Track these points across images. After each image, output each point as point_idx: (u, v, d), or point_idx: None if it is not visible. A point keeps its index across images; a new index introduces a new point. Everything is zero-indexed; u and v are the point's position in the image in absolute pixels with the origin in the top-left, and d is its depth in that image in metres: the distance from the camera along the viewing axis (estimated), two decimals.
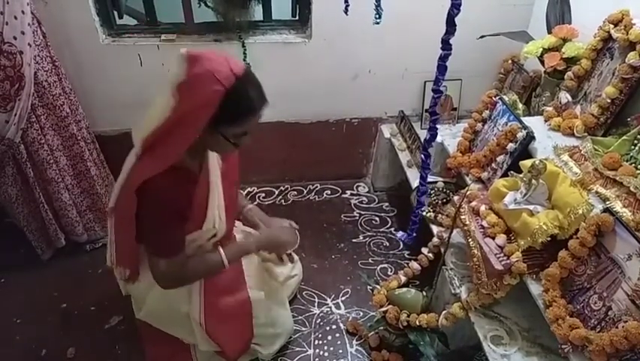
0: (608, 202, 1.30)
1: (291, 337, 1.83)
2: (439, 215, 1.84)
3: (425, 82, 2.31)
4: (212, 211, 1.37)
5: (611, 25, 1.57)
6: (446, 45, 1.43)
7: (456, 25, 1.36)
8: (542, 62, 1.85)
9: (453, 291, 1.54)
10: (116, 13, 2.08)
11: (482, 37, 1.98)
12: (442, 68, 1.50)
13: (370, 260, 2.21)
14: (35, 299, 2.00)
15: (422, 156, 1.72)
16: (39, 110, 1.83)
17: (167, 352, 1.71)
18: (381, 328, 1.74)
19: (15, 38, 1.61)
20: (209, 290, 1.49)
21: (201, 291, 1.49)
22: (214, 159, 1.40)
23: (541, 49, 1.83)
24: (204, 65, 1.09)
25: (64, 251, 2.18)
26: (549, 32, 1.88)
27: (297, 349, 1.83)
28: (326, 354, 1.81)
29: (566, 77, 1.71)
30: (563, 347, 1.17)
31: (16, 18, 1.59)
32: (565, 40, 1.80)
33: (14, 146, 1.80)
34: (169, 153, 1.19)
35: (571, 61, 1.75)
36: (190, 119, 1.13)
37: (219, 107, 1.11)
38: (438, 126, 1.67)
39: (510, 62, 2.12)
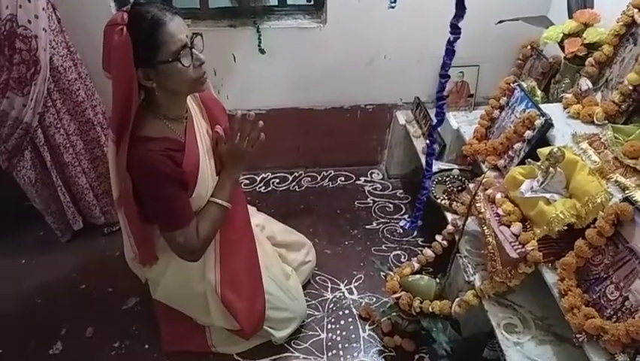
0: (627, 191, 1.27)
1: (304, 321, 1.86)
2: (454, 203, 1.83)
3: None
4: (203, 179, 1.34)
5: (636, 10, 1.53)
6: (455, 29, 1.40)
7: (466, 8, 1.34)
8: (562, 48, 1.81)
9: (467, 279, 1.54)
10: None
11: (501, 22, 1.94)
12: (450, 52, 1.48)
13: (384, 247, 2.21)
14: (55, 280, 2.05)
15: (428, 140, 1.70)
16: (55, 94, 1.86)
17: (182, 332, 1.75)
18: (394, 314, 1.75)
19: (29, 22, 1.62)
20: (224, 263, 1.52)
21: (216, 264, 1.51)
22: (201, 128, 1.38)
23: (561, 34, 1.79)
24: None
25: (82, 234, 2.23)
26: (570, 17, 1.83)
27: (310, 333, 1.85)
28: (338, 338, 1.83)
29: (586, 63, 1.68)
30: (578, 336, 1.16)
31: (29, 1, 1.60)
32: (586, 26, 1.75)
33: (31, 130, 1.83)
34: (128, 117, 1.17)
35: (592, 47, 1.71)
36: (119, 71, 1.14)
37: (134, 44, 1.10)
38: (454, 113, 1.66)
39: (529, 47, 2.07)
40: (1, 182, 2.01)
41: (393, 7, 1.63)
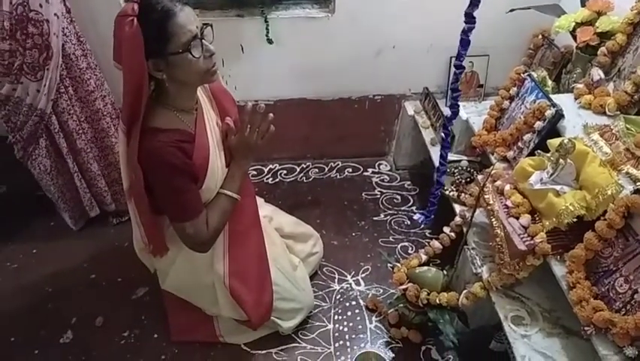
0: (638, 183, 1.26)
1: (311, 312, 1.86)
2: (462, 194, 1.82)
3: (451, 57, 2.25)
4: (213, 171, 1.34)
5: None
6: (470, 18, 1.39)
7: None
8: (574, 37, 1.78)
9: (474, 270, 1.53)
10: None
11: (512, 10, 1.91)
12: (465, 42, 1.46)
13: (391, 238, 2.21)
14: (65, 270, 2.07)
15: (442, 134, 1.70)
16: (67, 81, 1.87)
17: (191, 322, 1.77)
18: (401, 305, 1.75)
19: (40, 6, 1.64)
20: (232, 255, 1.53)
21: (225, 255, 1.52)
22: (211, 120, 1.38)
23: (573, 23, 1.76)
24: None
25: (92, 224, 2.25)
26: (583, 5, 1.80)
27: (317, 323, 1.86)
28: (345, 329, 1.84)
29: (599, 52, 1.65)
30: (586, 329, 1.15)
31: None
32: (599, 14, 1.72)
33: (46, 117, 1.85)
34: (139, 109, 1.18)
35: (605, 36, 1.68)
36: (130, 62, 1.13)
37: (144, 35, 1.10)
38: (464, 104, 1.65)
39: (540, 37, 2.04)
40: (12, 173, 2.04)
41: None
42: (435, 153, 2.13)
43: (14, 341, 1.82)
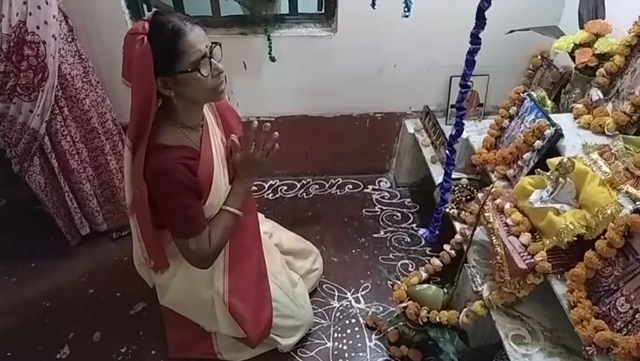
0: (638, 203, 1.26)
1: (310, 329, 1.85)
2: (463, 212, 1.82)
3: (451, 77, 2.27)
4: (217, 188, 1.35)
5: None
6: (475, 39, 1.42)
7: (486, 19, 1.35)
8: (573, 58, 1.81)
9: (475, 289, 1.52)
10: (145, 6, 2.11)
11: (511, 32, 1.94)
12: (470, 63, 1.48)
13: (391, 255, 2.20)
14: (64, 284, 2.06)
15: (447, 151, 1.71)
16: (62, 101, 1.88)
17: (189, 339, 1.75)
18: (401, 323, 1.74)
19: (38, 28, 1.65)
20: (232, 272, 1.52)
21: (225, 272, 1.51)
22: (216, 137, 1.39)
23: (572, 44, 1.78)
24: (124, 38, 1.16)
25: (91, 238, 2.25)
26: (581, 27, 1.83)
27: (317, 341, 1.84)
28: (345, 348, 1.82)
29: (597, 73, 1.67)
30: (587, 348, 1.15)
31: (39, 8, 1.63)
32: (597, 36, 1.75)
33: (39, 137, 1.85)
34: (146, 125, 1.19)
35: (603, 57, 1.70)
36: (139, 79, 1.15)
37: (154, 53, 1.11)
38: (463, 122, 1.66)
39: (539, 57, 2.07)
40: (12, 187, 2.04)
41: (407, 17, 1.61)
42: (435, 171, 2.14)
43: (10, 356, 1.80)
